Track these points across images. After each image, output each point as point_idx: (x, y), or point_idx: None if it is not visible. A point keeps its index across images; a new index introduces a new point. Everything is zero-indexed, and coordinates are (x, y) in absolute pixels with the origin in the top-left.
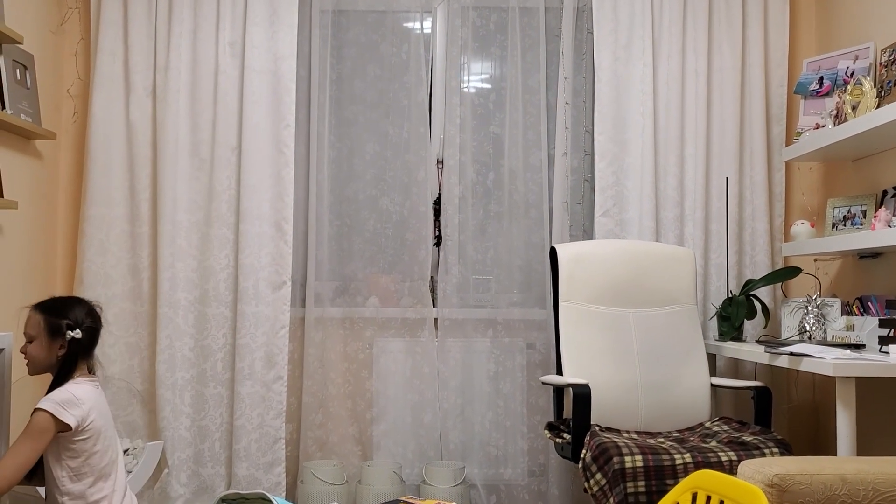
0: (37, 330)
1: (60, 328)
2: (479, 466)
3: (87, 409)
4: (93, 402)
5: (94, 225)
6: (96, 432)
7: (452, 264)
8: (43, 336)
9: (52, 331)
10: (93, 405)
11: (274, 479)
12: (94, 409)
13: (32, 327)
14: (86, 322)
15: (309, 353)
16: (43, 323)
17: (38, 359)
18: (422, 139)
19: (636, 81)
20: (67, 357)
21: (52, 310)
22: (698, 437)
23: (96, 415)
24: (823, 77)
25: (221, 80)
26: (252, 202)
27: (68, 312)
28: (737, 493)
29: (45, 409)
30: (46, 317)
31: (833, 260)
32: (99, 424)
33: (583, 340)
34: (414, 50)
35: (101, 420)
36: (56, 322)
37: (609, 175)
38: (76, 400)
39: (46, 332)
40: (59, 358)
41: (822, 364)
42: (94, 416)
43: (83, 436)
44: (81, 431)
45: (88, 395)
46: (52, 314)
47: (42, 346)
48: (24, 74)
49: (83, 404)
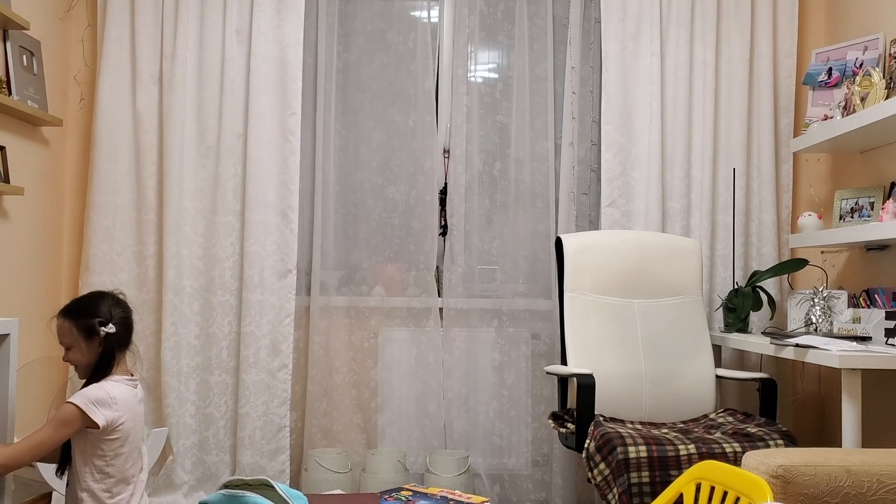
0: (71, 337)
1: (94, 328)
2: (483, 456)
3: (120, 410)
4: (127, 404)
5: (100, 212)
6: (125, 434)
7: (458, 254)
8: (79, 341)
9: (87, 333)
10: (126, 407)
11: (278, 467)
12: (127, 412)
13: (65, 335)
14: (116, 314)
15: (314, 342)
16: (75, 328)
17: (82, 363)
18: (428, 128)
19: (644, 71)
20: (104, 354)
21: (79, 312)
22: (703, 429)
23: (128, 417)
24: (832, 68)
25: (228, 67)
26: (258, 190)
27: (96, 309)
28: (741, 484)
29: (76, 404)
30: (76, 321)
31: (840, 252)
32: (129, 427)
33: (588, 331)
34: (421, 38)
35: (131, 423)
36: (88, 323)
37: (616, 165)
38: (110, 399)
39: (82, 336)
40: (99, 355)
41: (828, 356)
42: (125, 418)
43: (112, 436)
44: (111, 432)
45: (124, 395)
46: (81, 316)
47: (82, 351)
48: (31, 60)
49: (116, 405)
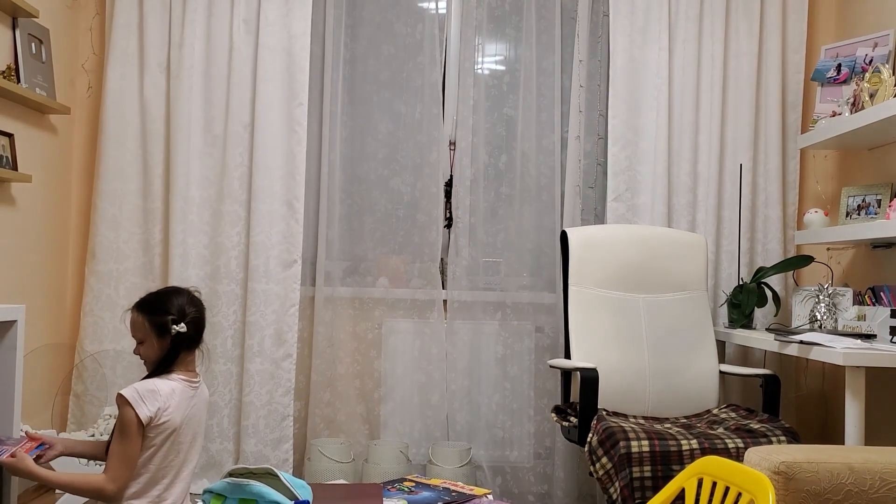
0: (143, 331)
1: (166, 325)
2: (486, 448)
3: (167, 405)
4: (178, 400)
5: (107, 199)
6: (167, 430)
7: (463, 246)
8: (151, 336)
9: (159, 329)
10: (177, 404)
11: (281, 456)
12: (177, 409)
13: (138, 329)
14: (190, 312)
15: (318, 332)
16: (147, 323)
17: (152, 359)
18: (434, 120)
19: (651, 65)
20: (171, 351)
21: (154, 307)
22: (705, 424)
23: (178, 415)
24: (841, 64)
25: (235, 57)
26: (264, 180)
27: (170, 306)
28: (743, 480)
29: (126, 399)
30: (149, 316)
31: (846, 249)
32: (173, 424)
33: (592, 325)
34: (428, 30)
35: (178, 419)
36: (161, 319)
37: (622, 159)
38: (157, 393)
39: (154, 332)
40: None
41: (833, 353)
42: (173, 414)
43: (152, 432)
44: (153, 427)
45: (175, 392)
46: (155, 312)
47: (153, 346)
48: (40, 48)
49: (161, 399)
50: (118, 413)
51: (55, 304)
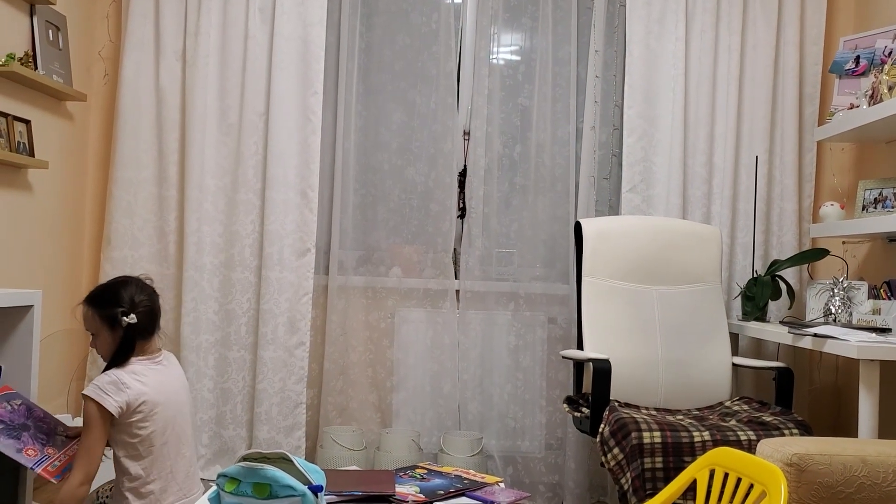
0: (94, 325)
1: (116, 317)
2: (497, 438)
3: (135, 392)
4: (144, 383)
5: (123, 187)
6: (149, 411)
7: (476, 236)
8: (103, 329)
9: (110, 322)
10: (145, 387)
11: (294, 443)
12: (148, 390)
13: (89, 323)
14: (140, 302)
15: (331, 321)
16: (97, 317)
17: (106, 352)
18: (449, 109)
19: (668, 56)
20: (124, 342)
21: (102, 300)
22: (718, 416)
23: (151, 394)
24: (860, 56)
25: (251, 45)
26: (279, 169)
27: (119, 298)
28: (755, 472)
29: (90, 397)
30: (99, 310)
31: (862, 243)
32: (152, 402)
33: (605, 316)
34: (444, 19)
35: (156, 398)
36: (110, 312)
37: (637, 150)
38: (119, 385)
39: (105, 325)
40: (121, 343)
41: (847, 346)
42: (147, 396)
43: (133, 417)
44: (131, 413)
45: (138, 373)
46: (104, 305)
47: (107, 340)
48: (57, 35)
49: (127, 388)
50: (84, 408)
51: (71, 289)
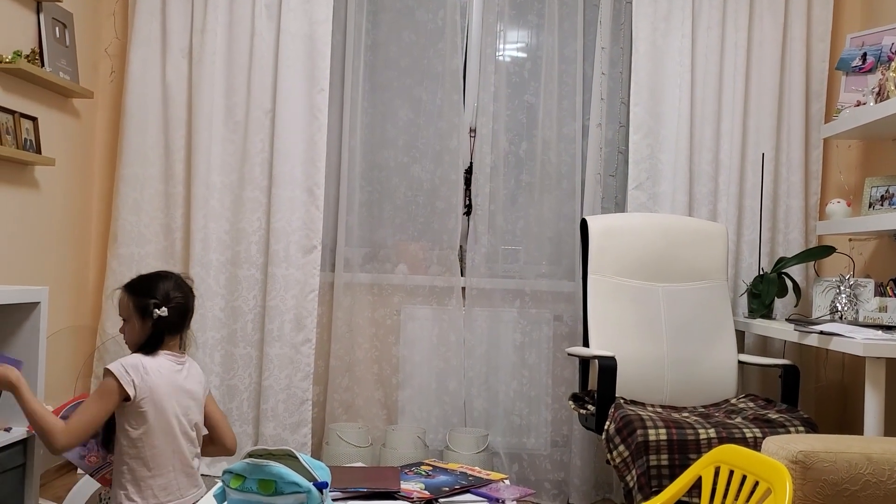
0: (127, 311)
1: (149, 308)
2: (503, 435)
3: (152, 380)
4: (163, 376)
5: (129, 183)
6: (156, 405)
7: (482, 234)
8: (134, 317)
9: (142, 311)
10: (161, 379)
11: (300, 440)
12: (162, 384)
13: (123, 309)
14: (174, 298)
15: (337, 318)
16: (132, 304)
17: (132, 340)
18: (455, 107)
19: (674, 53)
20: (153, 335)
21: (139, 289)
22: (723, 413)
23: (164, 391)
24: (867, 53)
25: (257, 42)
26: (285, 166)
27: (155, 290)
28: (760, 469)
29: (112, 371)
30: (134, 297)
31: (868, 240)
32: (160, 398)
33: (611, 313)
34: (450, 16)
35: (165, 395)
36: (143, 301)
37: (644, 147)
38: (141, 367)
39: (137, 313)
40: (149, 335)
41: (853, 344)
42: (160, 390)
43: (143, 407)
44: (140, 403)
45: (161, 368)
46: (139, 293)
47: (135, 328)
48: (64, 33)
49: (148, 374)
50: (102, 381)
51: (77, 286)
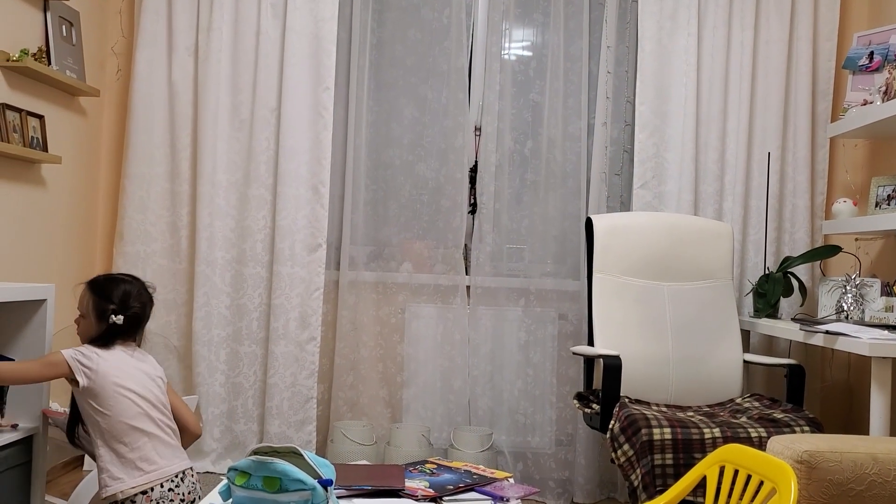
0: (86, 309)
1: (106, 311)
2: (507, 433)
3: (107, 363)
4: (117, 359)
5: (135, 182)
6: (116, 382)
7: (487, 232)
8: (91, 315)
9: (99, 313)
10: (116, 361)
11: (305, 438)
12: (117, 365)
13: (83, 305)
14: (132, 307)
15: (342, 316)
16: (91, 303)
17: (85, 334)
18: (460, 105)
19: (680, 52)
20: (105, 335)
21: (100, 291)
22: (728, 413)
23: (122, 368)
24: (874, 52)
25: (262, 41)
26: (290, 164)
27: (115, 296)
28: (765, 468)
29: (64, 356)
30: (94, 297)
31: (875, 240)
32: (119, 375)
33: (616, 312)
34: (455, 15)
35: (125, 375)
36: (103, 305)
37: (649, 146)
38: (94, 355)
39: (94, 313)
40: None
41: (859, 343)
42: (116, 370)
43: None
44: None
45: (114, 354)
46: (100, 295)
47: (90, 325)
48: (70, 31)
49: (101, 359)
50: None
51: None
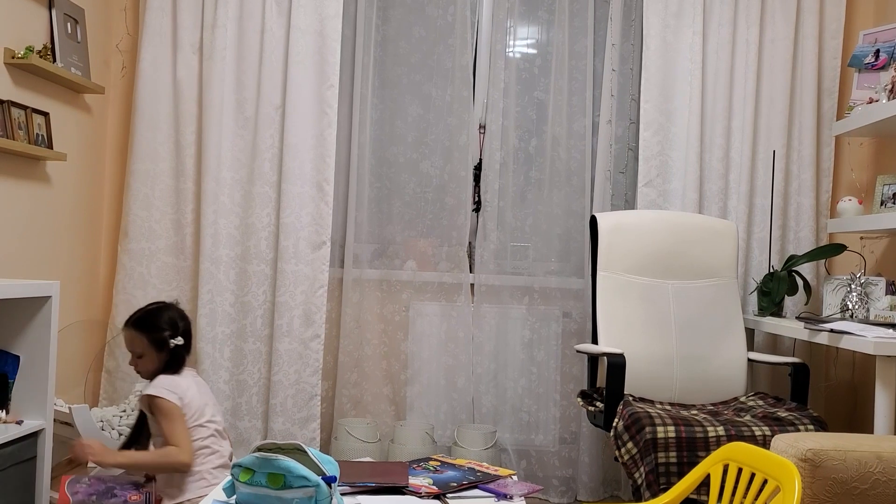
0: (142, 347)
1: (165, 341)
2: (511, 431)
3: (188, 393)
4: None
5: (140, 179)
6: (197, 410)
7: (491, 230)
8: (150, 351)
9: (158, 345)
10: (194, 389)
11: (309, 435)
12: (196, 394)
13: (138, 346)
14: (181, 325)
15: (346, 313)
16: (146, 340)
17: (150, 371)
18: (465, 103)
19: (685, 50)
20: (172, 361)
21: (150, 326)
22: (732, 411)
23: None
24: (880, 50)
25: (267, 38)
26: (294, 162)
27: (164, 323)
28: (769, 467)
29: (154, 395)
30: (147, 334)
31: (880, 238)
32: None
33: (620, 310)
34: (460, 12)
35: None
36: (160, 337)
37: (654, 144)
38: (177, 386)
39: (153, 347)
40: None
41: (864, 342)
42: (197, 399)
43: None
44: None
45: (189, 381)
46: (153, 330)
47: (152, 360)
48: (75, 28)
49: (183, 389)
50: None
51: (88, 281)
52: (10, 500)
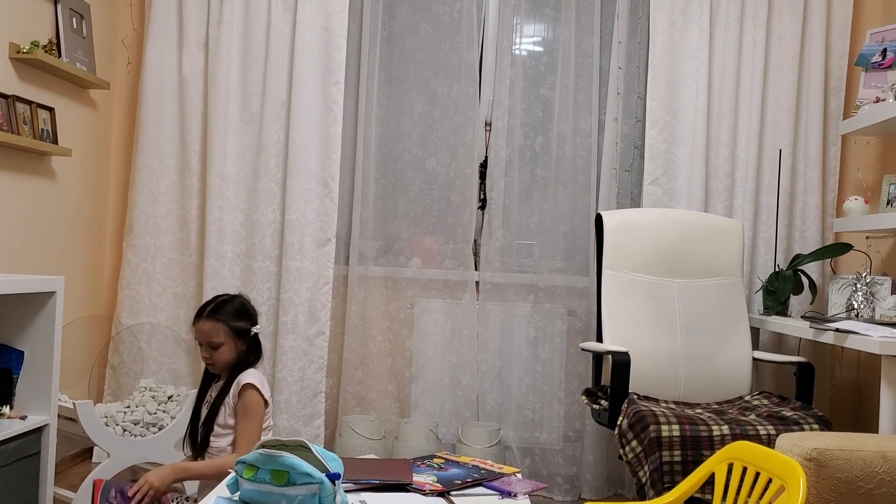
0: (223, 337)
1: (248, 330)
2: (515, 429)
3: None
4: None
5: (145, 175)
6: (270, 411)
7: (496, 228)
8: (230, 340)
9: (239, 333)
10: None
11: (313, 432)
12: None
13: (217, 335)
14: (254, 315)
15: (351, 311)
16: (228, 329)
17: (226, 360)
18: (470, 100)
19: (692, 48)
20: (252, 349)
21: (231, 314)
22: (737, 410)
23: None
24: (887, 49)
25: (273, 34)
26: (300, 158)
27: (244, 312)
28: (773, 466)
29: (255, 386)
30: (230, 323)
31: (886, 238)
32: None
33: (625, 309)
34: (466, 9)
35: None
36: (242, 326)
37: (660, 143)
38: (264, 381)
39: (233, 336)
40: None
41: (869, 342)
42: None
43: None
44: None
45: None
46: (234, 318)
47: (231, 350)
48: (81, 24)
49: (266, 386)
50: (242, 397)
51: (93, 276)
52: (14, 495)
